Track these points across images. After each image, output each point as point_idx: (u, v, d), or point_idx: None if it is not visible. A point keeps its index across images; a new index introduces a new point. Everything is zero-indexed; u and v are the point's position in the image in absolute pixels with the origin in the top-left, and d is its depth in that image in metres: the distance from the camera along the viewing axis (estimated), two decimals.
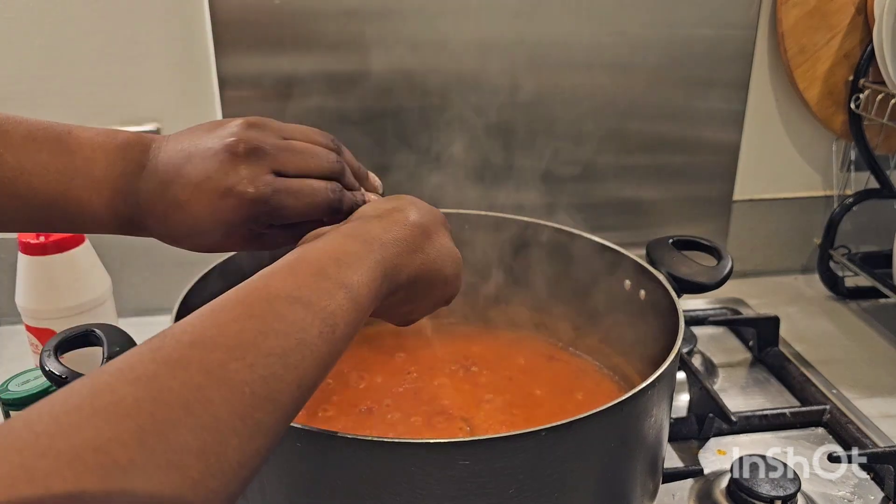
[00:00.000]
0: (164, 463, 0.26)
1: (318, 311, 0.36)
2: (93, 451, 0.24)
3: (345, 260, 0.41)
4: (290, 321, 0.34)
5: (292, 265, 0.39)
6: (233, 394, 0.30)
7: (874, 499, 0.72)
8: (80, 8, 0.91)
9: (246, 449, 0.29)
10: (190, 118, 0.97)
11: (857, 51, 1.05)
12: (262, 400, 0.31)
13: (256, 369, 0.31)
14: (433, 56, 0.97)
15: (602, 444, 0.53)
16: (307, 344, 0.35)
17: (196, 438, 0.27)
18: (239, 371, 0.30)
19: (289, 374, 0.33)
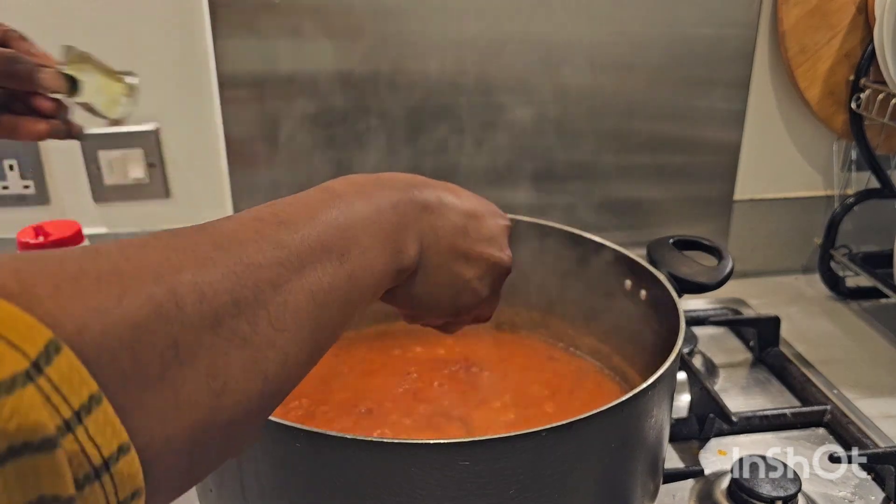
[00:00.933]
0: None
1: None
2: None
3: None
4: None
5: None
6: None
7: (875, 499, 0.72)
8: (79, 8, 0.91)
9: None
10: (189, 117, 0.97)
11: (857, 50, 1.05)
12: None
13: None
14: (434, 56, 0.97)
15: (602, 444, 0.53)
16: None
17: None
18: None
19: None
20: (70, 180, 0.98)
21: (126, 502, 0.24)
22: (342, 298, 0.36)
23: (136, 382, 0.25)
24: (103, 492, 0.23)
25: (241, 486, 0.54)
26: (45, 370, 0.22)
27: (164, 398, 0.26)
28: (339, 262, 0.36)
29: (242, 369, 0.29)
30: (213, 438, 0.29)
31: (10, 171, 0.96)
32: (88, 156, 0.97)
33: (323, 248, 0.36)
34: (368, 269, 0.39)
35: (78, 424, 0.22)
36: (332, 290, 0.35)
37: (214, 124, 0.97)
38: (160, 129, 0.98)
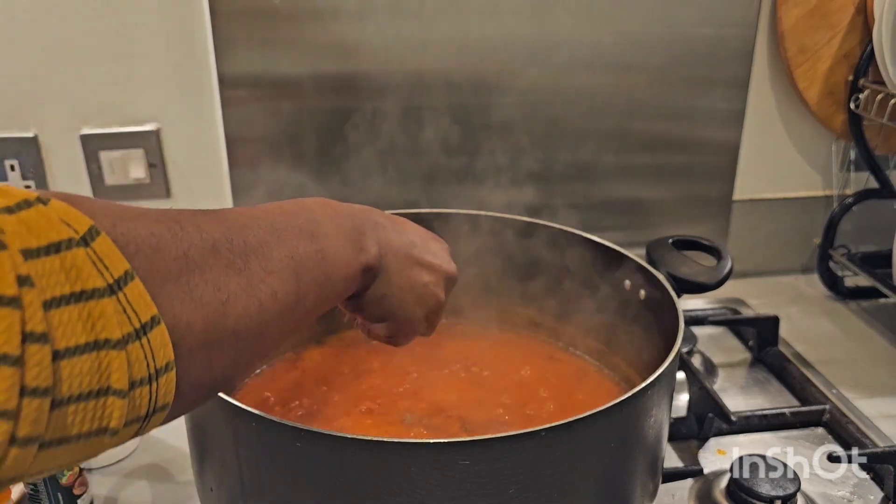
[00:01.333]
0: None
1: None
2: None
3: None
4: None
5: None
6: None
7: (874, 498, 0.72)
8: (79, 8, 0.91)
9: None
10: (190, 117, 0.98)
11: (856, 51, 1.05)
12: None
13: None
14: (434, 57, 0.97)
15: (602, 443, 0.53)
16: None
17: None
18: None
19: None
20: (71, 180, 0.98)
21: (161, 371, 0.30)
22: (317, 270, 0.43)
23: (159, 276, 0.32)
24: (143, 352, 0.29)
25: (242, 484, 0.54)
26: (90, 243, 0.28)
27: (182, 293, 0.33)
28: (309, 240, 0.43)
29: (241, 290, 0.36)
30: (224, 340, 0.35)
31: (12, 172, 0.96)
32: (89, 156, 0.97)
33: (295, 227, 0.43)
34: (336, 254, 0.45)
35: (119, 289, 0.29)
36: (307, 258, 0.42)
37: (215, 125, 0.97)
38: (161, 130, 0.98)
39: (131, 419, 0.30)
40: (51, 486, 0.66)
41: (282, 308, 0.39)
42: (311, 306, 0.43)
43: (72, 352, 0.27)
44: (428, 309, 0.55)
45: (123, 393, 0.29)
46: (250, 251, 0.38)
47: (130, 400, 0.29)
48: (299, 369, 0.79)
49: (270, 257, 0.39)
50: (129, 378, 0.29)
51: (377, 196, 0.94)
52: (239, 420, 0.51)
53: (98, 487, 0.73)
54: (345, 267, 0.46)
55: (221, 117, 0.96)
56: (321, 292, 0.44)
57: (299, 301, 0.41)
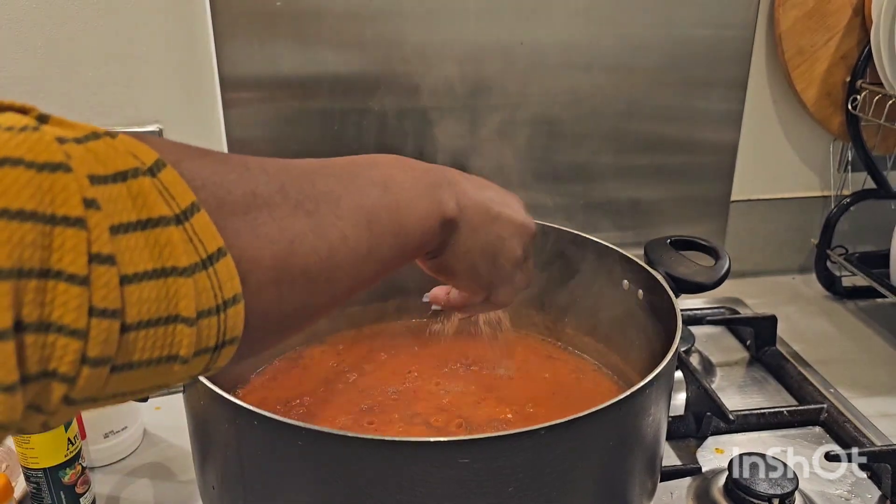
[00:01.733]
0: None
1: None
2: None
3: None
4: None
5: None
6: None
7: (871, 497, 0.72)
8: (80, 8, 0.91)
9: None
10: (192, 119, 0.98)
11: (854, 52, 1.06)
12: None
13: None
14: (434, 58, 0.97)
15: (601, 442, 0.54)
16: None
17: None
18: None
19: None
20: None
21: (229, 303, 0.31)
22: (391, 220, 0.43)
23: (225, 210, 0.32)
24: (210, 282, 0.30)
25: (243, 483, 0.55)
26: (157, 174, 0.29)
27: (249, 228, 0.33)
28: (382, 190, 0.43)
29: (311, 231, 0.37)
30: (294, 278, 0.35)
31: None
32: None
33: (366, 177, 0.42)
34: (411, 205, 0.44)
35: (185, 220, 0.29)
36: (380, 207, 0.42)
37: (216, 126, 0.98)
38: (163, 131, 0.98)
39: (201, 349, 0.30)
40: (53, 485, 0.66)
41: (354, 253, 0.39)
42: (387, 256, 0.42)
43: (139, 277, 0.27)
44: (503, 268, 0.55)
45: (191, 321, 0.29)
46: (319, 196, 0.38)
47: (198, 329, 0.29)
48: (300, 368, 0.80)
49: (339, 204, 0.39)
50: (196, 307, 0.29)
51: None
52: (240, 418, 0.52)
53: (100, 486, 0.73)
54: (421, 219, 0.45)
55: (223, 118, 0.96)
56: (396, 243, 0.43)
57: (372, 249, 0.41)
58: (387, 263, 0.43)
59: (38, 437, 0.64)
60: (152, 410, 0.80)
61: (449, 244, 0.50)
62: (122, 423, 0.77)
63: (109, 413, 0.75)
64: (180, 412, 0.61)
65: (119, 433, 0.77)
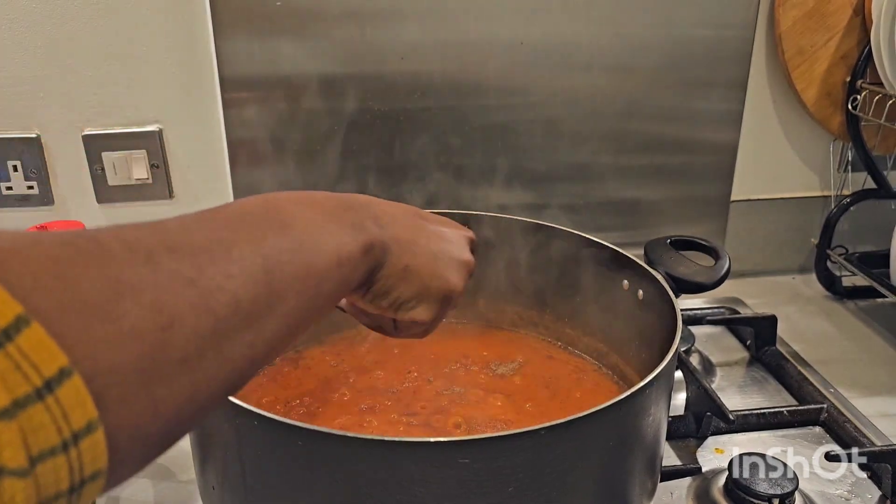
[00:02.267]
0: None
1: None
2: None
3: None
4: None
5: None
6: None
7: (871, 497, 0.72)
8: (80, 8, 0.91)
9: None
10: (192, 119, 0.98)
11: (854, 52, 1.06)
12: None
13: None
14: (433, 57, 0.97)
15: (601, 442, 0.54)
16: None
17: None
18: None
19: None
20: (74, 181, 0.98)
21: (81, 435, 0.25)
22: (295, 263, 0.37)
23: (70, 312, 0.26)
24: (49, 416, 0.24)
25: (244, 483, 0.55)
26: None
27: (104, 327, 0.26)
28: (279, 231, 0.37)
29: (190, 306, 0.30)
30: (170, 377, 0.29)
31: (15, 172, 0.96)
32: (92, 156, 0.97)
33: (259, 219, 0.37)
34: (319, 240, 0.39)
35: (8, 341, 0.23)
36: (279, 250, 0.36)
37: (217, 125, 0.98)
38: (163, 131, 0.98)
39: (47, 498, 0.24)
40: None
41: (248, 319, 0.33)
42: (297, 306, 0.36)
43: None
44: (463, 271, 0.51)
45: (23, 471, 0.23)
46: (201, 254, 0.32)
47: (36, 477, 0.23)
48: (300, 368, 0.80)
49: (229, 257, 0.33)
50: (27, 452, 0.23)
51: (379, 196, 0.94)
52: (241, 419, 0.52)
53: None
54: (334, 252, 0.40)
55: (223, 118, 0.97)
56: (305, 288, 0.37)
57: (274, 304, 0.35)
58: (301, 314, 0.37)
59: None
60: None
61: (383, 266, 0.45)
62: None
63: None
64: None
65: None
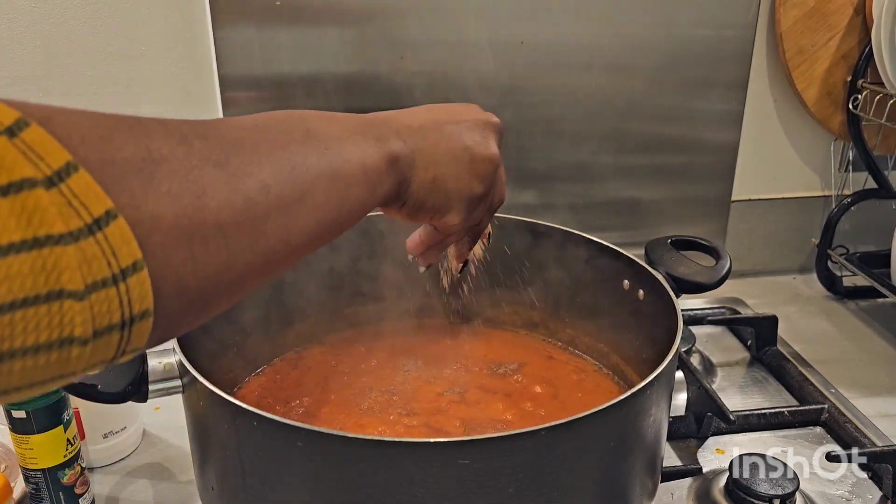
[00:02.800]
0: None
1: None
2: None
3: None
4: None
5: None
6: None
7: (872, 498, 0.72)
8: (80, 8, 0.91)
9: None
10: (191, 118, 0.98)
11: (855, 51, 1.06)
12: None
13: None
14: (433, 57, 0.97)
15: (601, 443, 0.54)
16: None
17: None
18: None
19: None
20: None
21: (128, 272, 0.27)
22: (321, 164, 0.39)
23: (113, 168, 0.28)
24: (100, 249, 0.26)
25: (243, 484, 0.54)
26: (18, 134, 0.25)
27: (143, 185, 0.29)
28: (304, 137, 0.39)
29: (223, 182, 0.32)
30: (206, 237, 0.31)
31: None
32: None
33: (283, 127, 0.39)
34: (342, 149, 0.41)
35: (59, 181, 0.25)
36: (305, 152, 0.38)
37: None
38: None
39: (102, 327, 0.27)
40: (52, 486, 0.66)
41: (279, 203, 0.35)
42: (325, 203, 0.38)
43: (4, 250, 0.23)
44: (486, 169, 0.52)
45: (80, 294, 0.25)
46: (230, 146, 0.34)
47: (91, 304, 0.26)
48: (300, 368, 0.80)
49: (256, 151, 0.35)
50: (84, 279, 0.25)
51: None
52: (240, 419, 0.52)
53: (99, 487, 0.73)
54: (359, 161, 0.41)
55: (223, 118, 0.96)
56: (334, 188, 0.39)
57: (304, 196, 0.37)
58: (332, 211, 0.39)
59: (38, 437, 0.64)
60: (152, 411, 0.80)
61: (411, 181, 0.47)
62: (122, 424, 0.77)
63: (108, 413, 0.75)
64: (180, 412, 0.61)
65: (118, 434, 0.77)
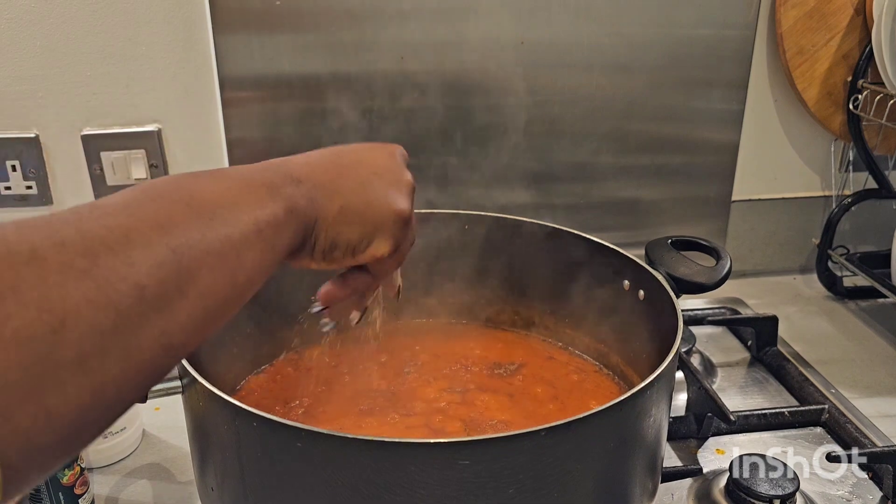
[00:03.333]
0: None
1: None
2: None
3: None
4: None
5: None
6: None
7: (872, 498, 0.72)
8: (79, 8, 0.91)
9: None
10: (191, 118, 0.98)
11: (855, 51, 1.05)
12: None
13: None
14: (433, 57, 0.97)
15: (601, 443, 0.53)
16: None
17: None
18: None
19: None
20: (72, 181, 0.98)
21: None
22: (211, 238, 0.34)
23: None
24: None
25: (243, 484, 0.54)
26: None
27: None
28: (187, 207, 0.34)
29: (86, 301, 0.28)
30: (63, 379, 0.27)
31: (13, 172, 0.96)
32: (91, 156, 0.97)
33: (161, 199, 0.34)
34: (232, 210, 0.36)
35: None
36: (191, 230, 0.33)
37: (216, 125, 0.98)
38: (162, 131, 0.98)
39: None
40: (52, 486, 0.66)
41: (156, 305, 0.30)
42: (213, 284, 0.33)
43: None
44: (398, 188, 0.49)
45: None
46: (97, 243, 0.29)
47: None
48: (300, 369, 0.79)
49: (128, 243, 0.30)
50: None
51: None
52: (240, 419, 0.51)
53: (99, 487, 0.73)
54: (251, 220, 0.37)
55: (222, 118, 0.96)
56: (223, 263, 0.34)
57: (186, 284, 0.32)
58: (222, 290, 0.34)
59: None
60: (151, 411, 0.80)
61: (316, 220, 0.43)
62: (121, 424, 0.77)
63: None
64: (179, 413, 0.61)
65: (118, 434, 0.77)
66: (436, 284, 0.84)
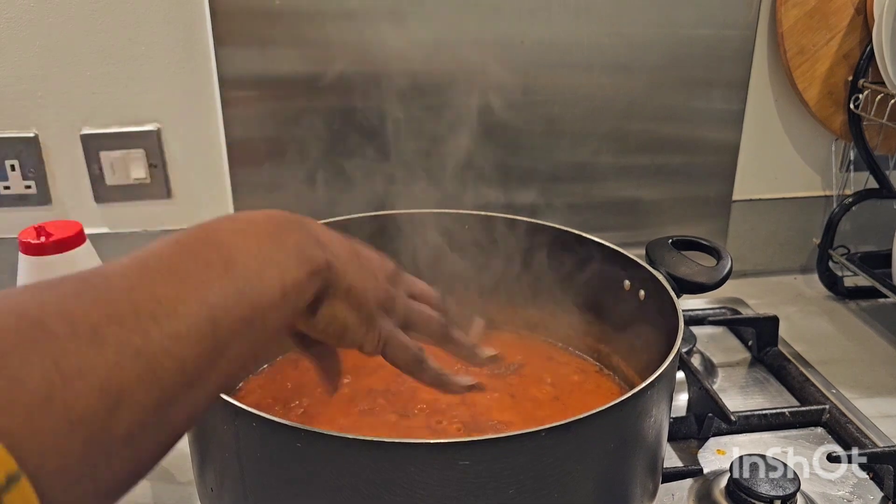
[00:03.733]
0: None
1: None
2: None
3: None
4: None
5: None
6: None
7: (873, 498, 0.72)
8: (79, 8, 0.91)
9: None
10: (191, 118, 0.98)
11: (856, 51, 1.05)
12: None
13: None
14: (433, 57, 0.97)
15: (602, 444, 0.53)
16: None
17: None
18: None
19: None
20: (72, 181, 0.98)
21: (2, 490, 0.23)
22: (244, 305, 0.35)
23: (20, 405, 0.25)
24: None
25: (243, 485, 0.54)
26: None
27: (52, 420, 0.25)
28: (223, 272, 0.35)
29: (138, 380, 0.29)
30: (112, 453, 0.28)
31: (12, 172, 0.96)
32: (90, 156, 0.97)
33: (203, 262, 0.35)
34: (263, 273, 0.37)
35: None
36: (227, 297, 0.34)
37: (216, 125, 0.97)
38: (162, 130, 0.98)
39: None
40: None
41: (192, 378, 0.32)
42: (238, 353, 0.35)
43: None
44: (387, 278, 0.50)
45: None
46: (146, 318, 0.30)
47: None
48: (300, 369, 0.79)
49: (176, 315, 0.31)
50: None
51: (378, 196, 0.94)
52: (239, 420, 0.51)
53: None
54: (278, 284, 0.38)
55: (222, 117, 0.96)
56: (251, 331, 0.36)
57: (218, 357, 0.33)
58: (245, 357, 0.36)
59: None
60: None
61: (328, 290, 0.44)
62: None
63: None
64: None
65: None
66: (435, 284, 0.84)
